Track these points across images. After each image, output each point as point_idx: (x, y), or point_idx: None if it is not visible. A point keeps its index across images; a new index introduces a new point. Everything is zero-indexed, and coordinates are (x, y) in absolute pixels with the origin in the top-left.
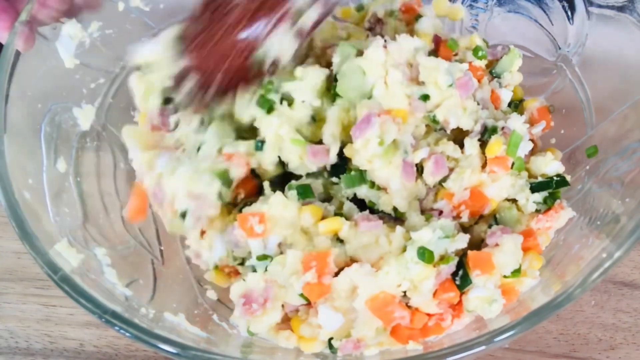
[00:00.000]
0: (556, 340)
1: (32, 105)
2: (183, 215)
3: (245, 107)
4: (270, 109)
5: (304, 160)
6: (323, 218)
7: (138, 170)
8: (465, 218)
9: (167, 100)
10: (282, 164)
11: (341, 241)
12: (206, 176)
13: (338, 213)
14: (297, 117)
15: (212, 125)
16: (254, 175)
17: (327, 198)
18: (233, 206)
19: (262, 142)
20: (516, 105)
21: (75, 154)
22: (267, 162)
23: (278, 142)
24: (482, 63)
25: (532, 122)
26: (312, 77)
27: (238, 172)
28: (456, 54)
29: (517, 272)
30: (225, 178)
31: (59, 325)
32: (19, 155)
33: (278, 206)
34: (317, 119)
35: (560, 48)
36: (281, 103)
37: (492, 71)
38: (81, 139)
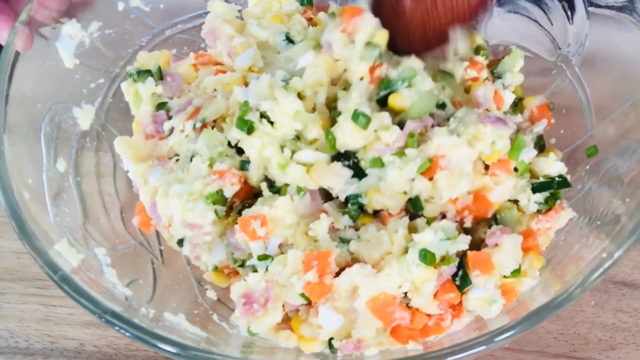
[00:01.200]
0: (556, 340)
1: (32, 105)
2: (180, 241)
3: (228, 129)
4: (250, 129)
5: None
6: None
7: (134, 181)
8: (468, 223)
9: (160, 106)
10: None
11: (343, 241)
12: (201, 204)
13: (346, 212)
14: (280, 134)
15: (202, 134)
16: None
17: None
18: (230, 209)
19: (248, 161)
20: (515, 103)
21: (75, 154)
22: (253, 180)
23: (263, 162)
24: (483, 60)
25: (532, 120)
26: (286, 104)
27: (232, 190)
28: (456, 53)
29: (516, 272)
30: (219, 198)
31: (58, 325)
32: (18, 155)
33: (282, 209)
34: (300, 137)
35: (560, 48)
36: (261, 121)
37: (494, 71)
38: (81, 139)
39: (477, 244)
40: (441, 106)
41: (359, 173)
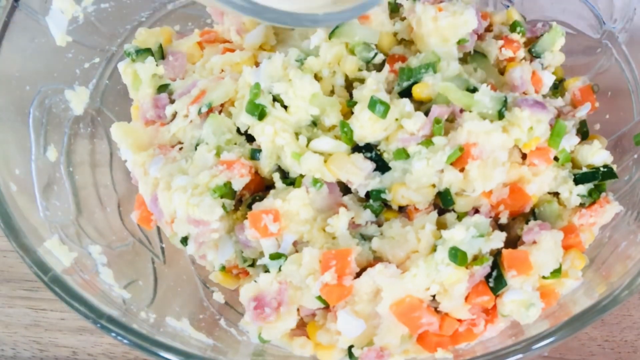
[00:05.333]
0: (601, 347)
1: (20, 87)
2: (184, 239)
3: (236, 114)
4: (261, 114)
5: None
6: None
7: (132, 172)
8: (504, 219)
9: (161, 88)
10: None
11: (364, 238)
12: (207, 198)
13: (367, 206)
14: (294, 120)
15: (209, 120)
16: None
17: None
18: (239, 202)
19: (259, 150)
20: (555, 86)
21: (67, 141)
22: (265, 171)
23: (275, 151)
24: (519, 38)
25: (574, 104)
26: (301, 86)
27: (242, 182)
28: (490, 29)
29: (557, 272)
30: (227, 191)
31: (49, 332)
32: (4, 143)
33: (297, 202)
34: (317, 124)
35: (605, 24)
36: (273, 106)
37: (532, 50)
38: (74, 125)
39: (513, 242)
40: (472, 91)
41: (382, 166)
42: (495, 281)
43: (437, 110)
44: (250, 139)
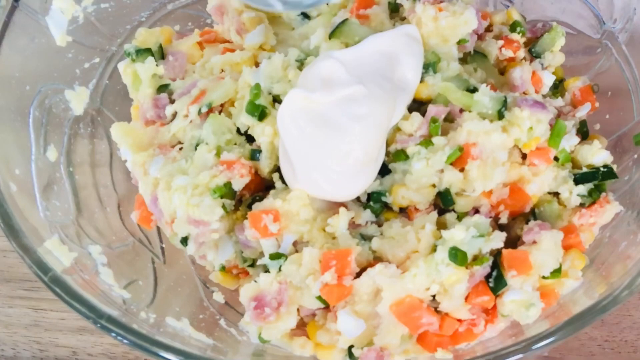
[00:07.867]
0: (601, 347)
1: (20, 87)
2: (184, 240)
3: (237, 114)
4: (262, 114)
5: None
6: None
7: (132, 172)
8: (504, 219)
9: (161, 88)
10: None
11: (364, 238)
12: (207, 199)
13: (367, 206)
14: None
15: (209, 120)
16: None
17: None
18: (238, 202)
19: (259, 150)
20: (555, 86)
21: (67, 141)
22: (265, 171)
23: (275, 151)
24: (519, 38)
25: (574, 104)
26: None
27: (242, 182)
28: (490, 29)
29: (557, 272)
30: (228, 191)
31: (49, 332)
32: (4, 143)
33: (297, 203)
34: None
35: (605, 23)
36: (273, 106)
37: (532, 50)
38: (74, 125)
39: (513, 242)
40: (472, 91)
41: (382, 169)
42: (495, 281)
43: (434, 110)
44: (250, 139)
